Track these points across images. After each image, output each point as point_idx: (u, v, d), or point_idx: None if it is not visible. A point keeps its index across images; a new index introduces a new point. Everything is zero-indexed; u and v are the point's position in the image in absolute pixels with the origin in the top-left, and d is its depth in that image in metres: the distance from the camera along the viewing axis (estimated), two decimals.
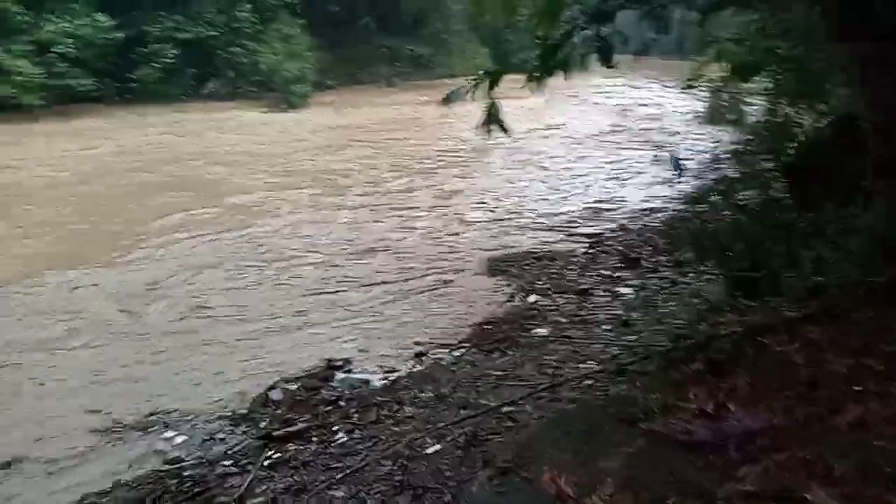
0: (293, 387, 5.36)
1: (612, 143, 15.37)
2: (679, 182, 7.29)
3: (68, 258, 8.12)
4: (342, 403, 5.08)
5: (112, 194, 10.94)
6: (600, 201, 10.87)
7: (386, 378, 5.58)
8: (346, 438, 4.57)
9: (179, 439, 4.70)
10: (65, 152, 13.41)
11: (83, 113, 16.97)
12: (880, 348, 3.16)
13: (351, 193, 11.29)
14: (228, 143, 14.75)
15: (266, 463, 4.29)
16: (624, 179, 12.21)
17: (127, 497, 3.97)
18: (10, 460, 4.42)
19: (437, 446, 4.39)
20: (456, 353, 6.01)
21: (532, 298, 7.16)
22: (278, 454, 4.39)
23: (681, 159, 8.77)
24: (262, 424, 4.82)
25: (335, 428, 4.70)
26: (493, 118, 3.45)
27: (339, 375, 5.64)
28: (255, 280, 7.63)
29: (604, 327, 6.31)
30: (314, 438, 4.58)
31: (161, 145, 14.34)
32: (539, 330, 6.37)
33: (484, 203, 10.84)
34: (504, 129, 2.76)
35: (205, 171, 12.29)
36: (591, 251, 8.60)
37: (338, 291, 7.36)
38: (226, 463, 4.31)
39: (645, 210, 10.19)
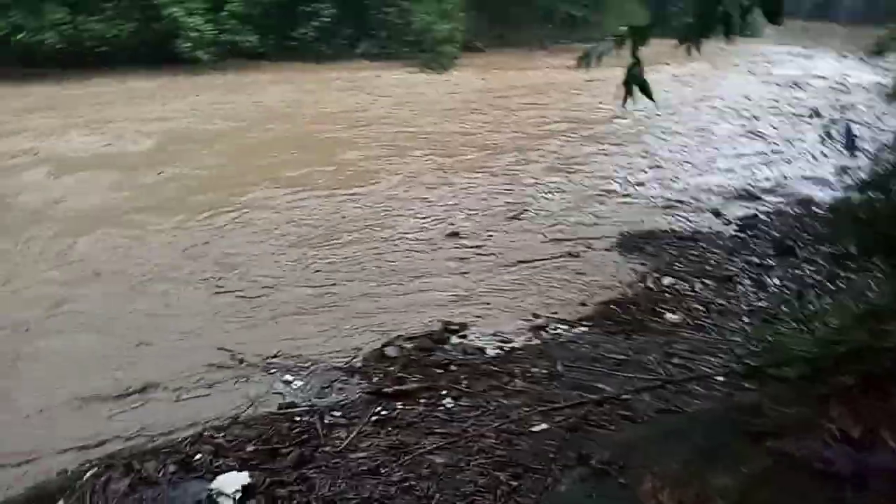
0: (409, 345, 5.37)
1: (775, 117, 14.03)
2: (851, 163, 6.43)
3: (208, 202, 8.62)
4: (453, 368, 5.02)
5: (248, 147, 11.39)
6: (757, 180, 9.97)
7: (500, 348, 5.46)
8: (452, 405, 4.52)
9: (297, 384, 4.86)
10: (220, 105, 14.19)
11: (244, 68, 17.93)
12: None
13: (490, 157, 11.14)
14: (364, 103, 15.00)
15: (373, 419, 4.33)
16: (787, 158, 11.12)
17: (240, 434, 4.15)
18: (145, 385, 4.77)
19: (544, 426, 4.24)
20: (576, 331, 5.76)
21: (667, 281, 6.71)
22: (385, 411, 4.42)
23: (855, 136, 7.76)
24: (375, 380, 4.88)
25: (443, 392, 4.66)
26: (635, 83, 3.11)
27: (454, 339, 5.59)
28: (380, 238, 7.70)
29: (744, 320, 5.80)
30: (422, 400, 4.56)
31: (298, 103, 14.83)
32: (671, 316, 5.97)
33: (623, 176, 10.28)
34: (649, 96, 2.43)
35: (331, 130, 12.52)
36: (740, 235, 7.92)
37: (457, 257, 7.28)
38: (335, 413, 4.40)
39: (808, 194, 9.22)
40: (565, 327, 5.85)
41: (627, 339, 5.53)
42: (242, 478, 3.62)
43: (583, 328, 5.84)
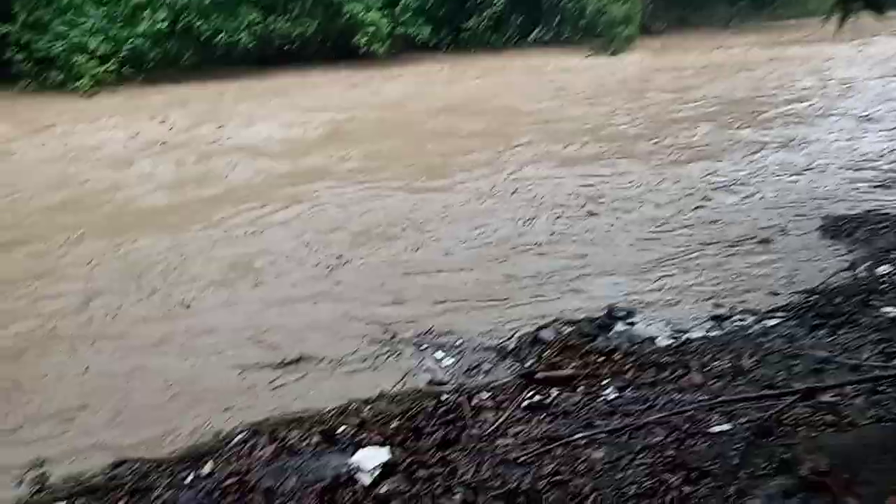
0: (567, 329, 4.93)
1: None
2: None
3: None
4: (617, 356, 4.50)
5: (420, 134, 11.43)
6: None
7: (674, 338, 4.84)
8: (615, 395, 4.02)
9: (447, 362, 4.62)
10: (403, 96, 14.52)
11: (418, 61, 18.27)
12: None
13: (683, 131, 10.34)
14: (531, 89, 14.61)
15: (524, 404, 3.96)
16: None
17: (385, 409, 3.96)
18: (300, 356, 4.76)
19: (726, 426, 3.61)
20: (767, 323, 4.97)
21: (883, 269, 5.66)
22: (538, 397, 4.02)
23: None
24: (528, 363, 4.50)
25: (605, 382, 4.17)
26: None
27: (620, 326, 5.05)
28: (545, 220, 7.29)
29: None
30: (580, 388, 4.11)
31: (468, 92, 14.76)
32: (889, 309, 4.98)
33: (819, 154, 9.02)
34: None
35: (501, 119, 12.24)
36: None
37: (639, 237, 6.69)
38: (483, 396, 4.08)
39: None
40: (753, 318, 5.09)
41: (832, 334, 4.67)
42: (382, 454, 3.41)
43: (775, 320, 5.04)
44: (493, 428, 3.72)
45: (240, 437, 3.79)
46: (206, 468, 3.53)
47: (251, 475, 3.42)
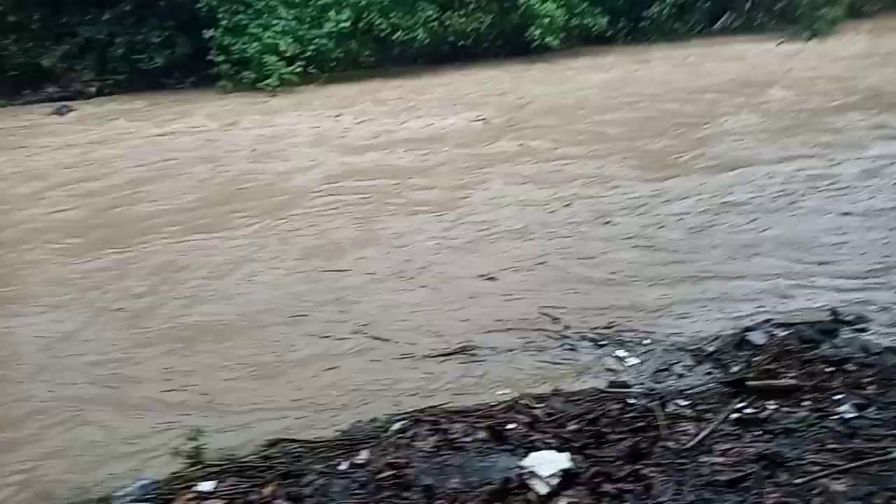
0: (782, 333, 4.09)
1: None
2: None
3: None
4: (850, 368, 3.63)
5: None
6: None
7: None
8: (853, 414, 3.20)
9: (631, 361, 3.99)
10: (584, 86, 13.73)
11: (594, 53, 17.43)
12: None
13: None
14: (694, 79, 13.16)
15: (733, 417, 3.25)
16: None
17: (561, 409, 3.43)
18: (465, 344, 4.37)
19: None
20: None
21: None
22: (751, 410, 3.29)
23: None
24: (734, 369, 3.75)
25: (838, 397, 3.34)
26: None
27: (847, 333, 4.13)
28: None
29: None
30: (805, 402, 3.32)
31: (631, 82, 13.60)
32: None
33: None
34: None
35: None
36: None
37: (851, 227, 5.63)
38: (680, 403, 3.42)
39: None
40: None
41: None
42: (562, 460, 2.88)
43: None
44: (694, 442, 3.06)
45: (398, 425, 3.44)
46: (363, 456, 3.21)
47: (409, 469, 3.05)
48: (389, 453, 3.20)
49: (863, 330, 4.17)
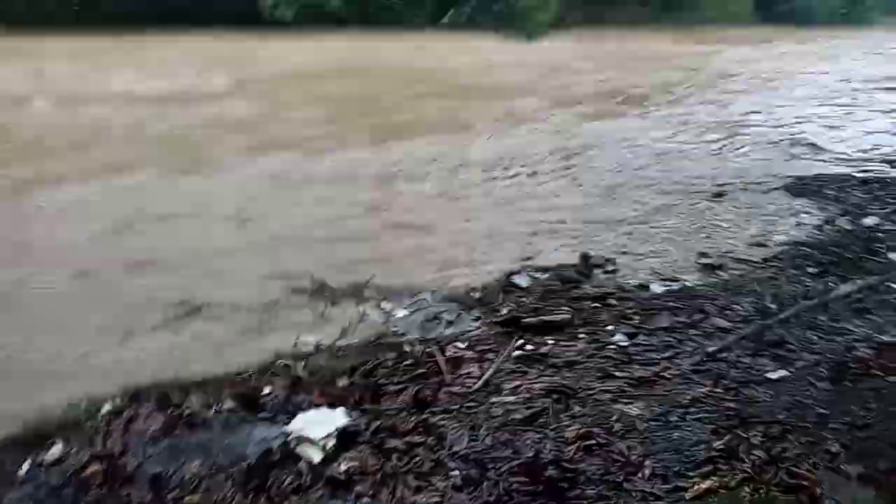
0: (543, 276, 3.99)
1: None
2: None
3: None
4: (613, 302, 3.61)
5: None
6: None
7: (667, 286, 4.01)
8: (627, 342, 3.12)
9: (400, 313, 3.55)
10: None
11: (327, 33, 17.03)
12: None
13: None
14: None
15: (515, 354, 2.97)
16: None
17: (327, 365, 2.85)
18: (200, 305, 3.55)
19: (783, 372, 2.79)
20: (765, 273, 4.25)
21: (870, 221, 5.13)
22: (531, 346, 3.05)
23: None
24: (504, 311, 3.51)
25: (609, 328, 3.26)
26: None
27: (601, 275, 4.18)
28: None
29: None
30: (581, 336, 3.17)
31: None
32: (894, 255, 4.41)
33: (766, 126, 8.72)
34: None
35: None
36: None
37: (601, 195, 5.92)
38: (459, 346, 3.06)
39: None
40: (748, 268, 4.35)
41: (844, 280, 4.01)
42: (337, 417, 2.30)
43: (771, 269, 4.33)
44: (481, 383, 2.71)
45: (109, 406, 2.56)
46: (54, 453, 2.29)
47: (127, 458, 2.23)
48: (97, 443, 2.33)
49: (613, 272, 4.25)
